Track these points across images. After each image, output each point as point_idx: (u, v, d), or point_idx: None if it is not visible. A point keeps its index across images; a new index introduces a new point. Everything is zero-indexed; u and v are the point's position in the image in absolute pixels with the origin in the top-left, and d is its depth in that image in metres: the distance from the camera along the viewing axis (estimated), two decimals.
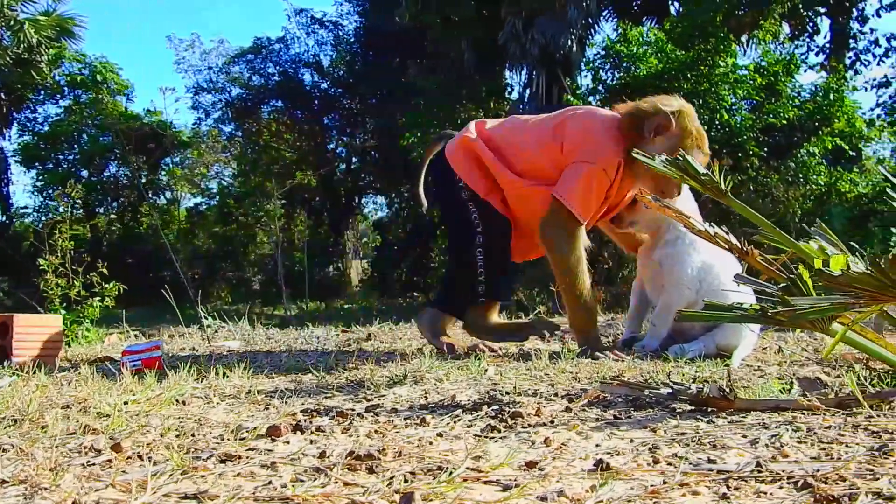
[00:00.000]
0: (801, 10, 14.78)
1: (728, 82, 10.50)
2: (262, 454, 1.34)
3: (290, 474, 1.20)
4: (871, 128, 11.69)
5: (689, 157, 1.99)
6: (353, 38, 20.89)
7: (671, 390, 1.73)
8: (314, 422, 1.61)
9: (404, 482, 1.13)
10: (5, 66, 16.22)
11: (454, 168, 3.16)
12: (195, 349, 3.71)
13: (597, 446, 1.36)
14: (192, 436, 1.51)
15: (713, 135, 9.21)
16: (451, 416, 1.65)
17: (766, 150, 10.27)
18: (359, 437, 1.48)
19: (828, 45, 15.79)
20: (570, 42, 14.13)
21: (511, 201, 3.11)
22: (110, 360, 3.12)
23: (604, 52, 11.75)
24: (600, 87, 11.71)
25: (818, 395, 1.72)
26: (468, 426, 1.56)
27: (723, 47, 10.78)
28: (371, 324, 5.07)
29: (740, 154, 10.02)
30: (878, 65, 15.88)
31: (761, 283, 1.86)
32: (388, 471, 1.19)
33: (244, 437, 1.47)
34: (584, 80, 13.71)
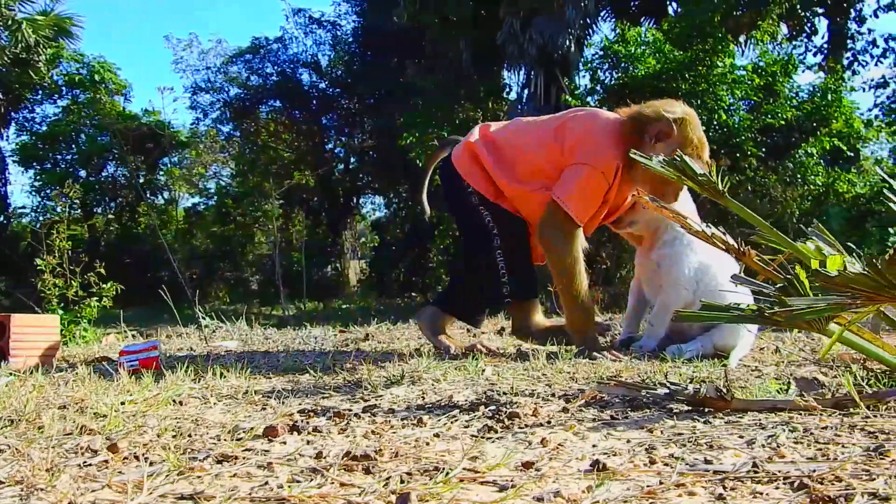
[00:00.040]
0: (799, 11, 14.79)
1: (726, 83, 10.50)
2: (258, 455, 1.34)
3: (286, 475, 1.20)
4: (869, 128, 11.71)
5: (686, 158, 1.99)
6: (352, 38, 20.88)
7: (668, 391, 1.73)
8: (311, 422, 1.61)
9: (401, 483, 1.13)
10: (3, 66, 16.21)
11: (461, 173, 3.15)
12: (193, 349, 3.70)
13: (593, 447, 1.36)
14: (189, 436, 1.50)
15: (711, 135, 9.21)
16: (448, 416, 1.65)
17: (764, 150, 10.28)
18: (355, 437, 1.48)
19: (826, 46, 15.81)
20: (568, 42, 14.14)
21: (514, 203, 3.11)
22: (108, 360, 3.12)
23: (602, 53, 11.75)
24: (598, 87, 11.71)
25: (815, 395, 1.72)
26: (465, 426, 1.56)
27: (721, 48, 10.77)
28: (369, 324, 5.07)
29: (738, 154, 10.03)
30: (876, 65, 15.92)
31: (758, 284, 1.86)
32: (384, 471, 1.19)
33: (241, 438, 1.47)
34: (583, 80, 13.72)
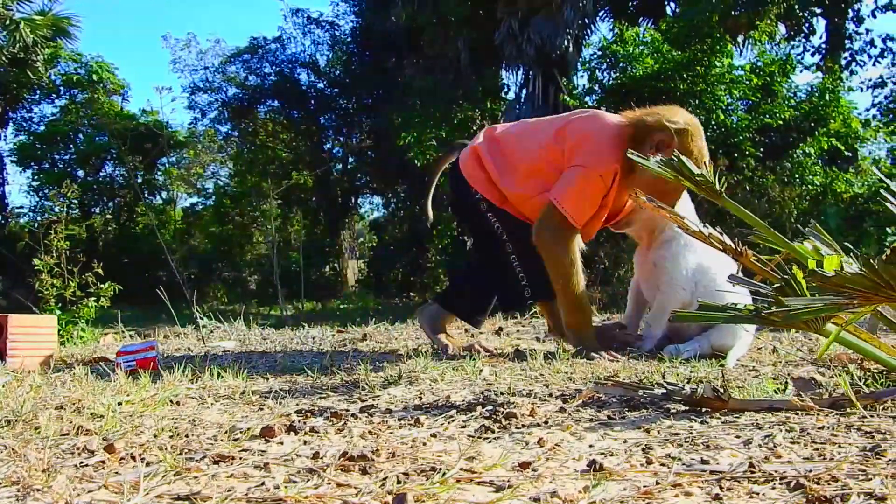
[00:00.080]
0: (797, 11, 14.81)
1: (724, 83, 10.52)
2: (255, 455, 1.34)
3: (283, 475, 1.20)
4: (867, 128, 11.74)
5: (683, 158, 1.99)
6: (350, 38, 20.87)
7: (665, 391, 1.73)
8: (308, 422, 1.60)
9: (397, 483, 1.13)
10: (1, 66, 16.21)
11: (467, 180, 3.13)
12: (190, 349, 3.70)
13: (590, 447, 1.36)
14: (186, 436, 1.50)
15: (709, 135, 9.19)
16: (446, 416, 1.65)
17: (762, 150, 10.30)
18: (352, 437, 1.48)
19: (824, 46, 15.84)
20: (566, 42, 14.17)
21: (518, 208, 3.09)
22: (105, 360, 3.11)
23: (600, 53, 11.78)
24: (596, 87, 11.73)
25: (812, 395, 1.72)
26: (462, 427, 1.56)
27: (719, 48, 10.80)
28: (367, 324, 5.07)
29: (736, 154, 10.04)
30: (874, 65, 15.97)
31: (755, 284, 1.86)
32: (381, 472, 1.19)
33: (238, 438, 1.47)
34: (581, 80, 13.76)
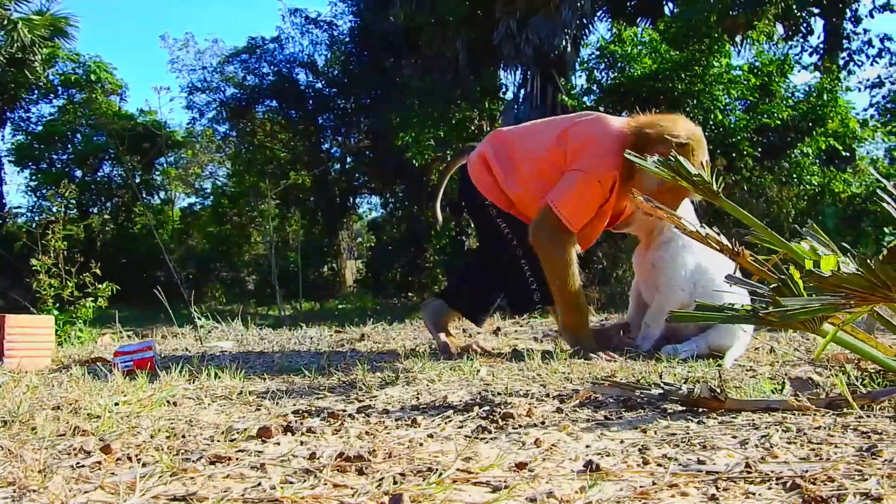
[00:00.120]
0: (795, 11, 14.81)
1: (722, 83, 10.52)
2: (251, 455, 1.34)
3: (279, 476, 1.20)
4: (865, 128, 11.74)
5: (681, 159, 2.00)
6: (348, 38, 20.83)
7: (662, 391, 1.74)
8: (305, 423, 1.60)
9: (393, 483, 1.13)
10: None
11: (475, 184, 3.14)
12: (188, 350, 3.70)
13: (587, 447, 1.36)
14: (183, 437, 1.50)
15: (707, 135, 9.18)
16: (443, 416, 1.65)
17: (760, 150, 10.29)
18: (349, 438, 1.48)
19: (821, 46, 15.84)
20: (564, 42, 14.15)
21: (523, 211, 3.09)
22: (102, 360, 3.11)
23: (598, 53, 11.77)
24: (595, 87, 11.73)
25: (809, 395, 1.72)
26: (459, 427, 1.56)
27: (717, 48, 10.79)
28: (365, 324, 5.07)
29: (734, 154, 10.04)
30: (872, 65, 16.01)
31: (752, 284, 1.86)
32: (377, 472, 1.19)
33: (234, 439, 1.47)
34: (579, 80, 13.75)
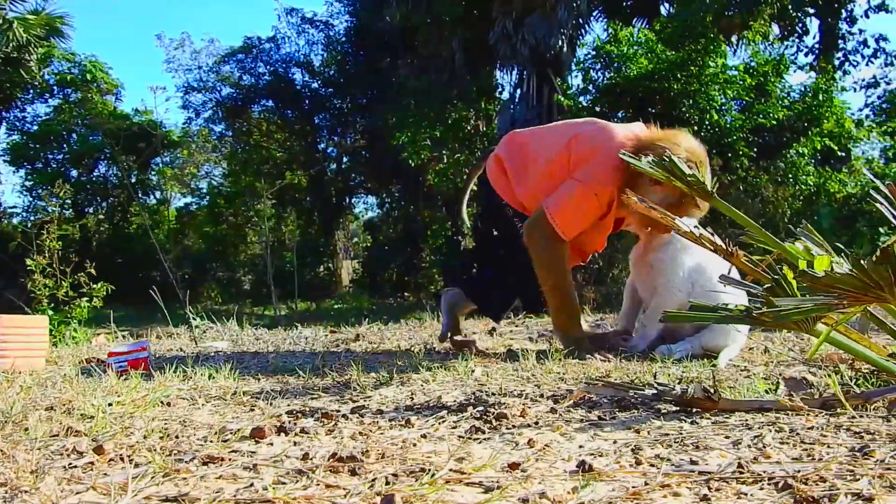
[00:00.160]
0: (791, 11, 14.85)
1: (718, 83, 10.54)
2: (244, 456, 1.34)
3: (271, 476, 1.19)
4: (860, 128, 11.79)
5: (675, 159, 2.00)
6: (344, 38, 20.84)
7: (656, 391, 1.74)
8: (298, 423, 1.60)
9: (386, 484, 1.13)
10: None
11: (493, 186, 3.19)
12: (183, 350, 3.69)
13: (580, 447, 1.36)
14: (176, 437, 1.50)
15: (703, 135, 9.24)
16: (436, 417, 1.65)
17: (756, 150, 10.32)
18: (342, 438, 1.48)
19: (817, 46, 15.88)
20: (560, 42, 14.18)
21: (529, 208, 3.10)
22: (97, 361, 3.10)
23: (594, 53, 11.80)
24: (591, 87, 11.75)
25: (803, 395, 1.73)
26: (453, 427, 1.56)
27: (713, 48, 10.82)
28: (361, 324, 5.07)
29: (730, 154, 10.07)
30: (867, 65, 16.02)
31: (746, 284, 1.87)
32: (370, 472, 1.19)
33: (228, 439, 1.47)
34: (575, 80, 13.77)
